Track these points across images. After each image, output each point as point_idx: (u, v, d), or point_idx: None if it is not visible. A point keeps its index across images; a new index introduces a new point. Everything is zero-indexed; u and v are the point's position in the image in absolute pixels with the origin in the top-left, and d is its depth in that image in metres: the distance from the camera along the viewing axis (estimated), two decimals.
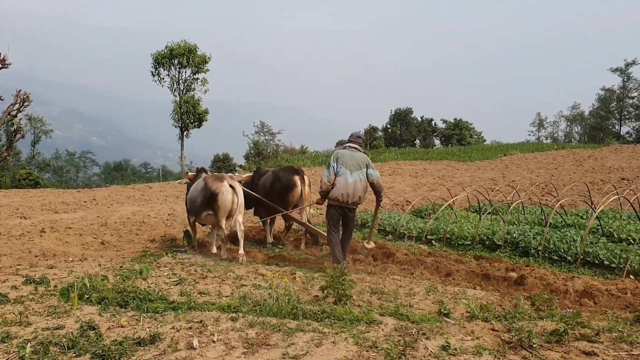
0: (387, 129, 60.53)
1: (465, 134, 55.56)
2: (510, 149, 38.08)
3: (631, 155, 31.19)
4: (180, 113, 34.53)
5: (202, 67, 35.71)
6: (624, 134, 55.64)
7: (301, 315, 4.06)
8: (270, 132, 57.11)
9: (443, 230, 8.35)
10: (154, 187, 20.26)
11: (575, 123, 62.31)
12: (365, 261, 6.83)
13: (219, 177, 7.91)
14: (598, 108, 58.63)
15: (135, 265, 7.07)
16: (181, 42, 34.71)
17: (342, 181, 6.73)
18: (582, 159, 32.36)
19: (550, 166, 28.92)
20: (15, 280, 6.29)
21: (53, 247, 8.74)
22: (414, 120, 60.44)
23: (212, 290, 5.54)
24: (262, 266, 6.76)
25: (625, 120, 56.62)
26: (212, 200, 7.62)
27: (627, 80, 55.77)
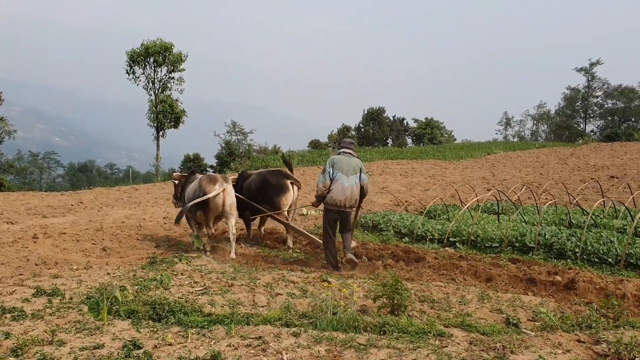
0: (360, 128, 61.08)
1: (437, 133, 57.04)
2: (493, 147, 38.41)
3: (611, 153, 31.73)
4: (156, 112, 33.75)
5: (177, 65, 34.95)
6: (589, 132, 57.70)
7: (362, 328, 3.77)
8: (242, 132, 56.65)
9: (466, 232, 8.16)
10: (140, 190, 19.69)
11: (542, 121, 63.62)
12: (397, 266, 6.58)
13: (212, 179, 8.05)
14: (564, 107, 60.62)
15: (149, 273, 6.72)
16: (157, 40, 33.96)
17: (340, 186, 6.99)
18: (564, 157, 32.80)
19: (536, 164, 29.21)
20: (24, 291, 5.89)
21: (51, 254, 8.30)
22: (387, 119, 61.33)
23: (245, 300, 5.23)
24: (287, 272, 6.45)
25: (589, 118, 58.89)
26: (204, 201, 7.76)
27: (592, 80, 57.78)
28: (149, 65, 34.69)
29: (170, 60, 34.70)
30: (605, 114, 57.94)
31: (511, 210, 10.73)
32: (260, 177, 9.08)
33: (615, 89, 56.63)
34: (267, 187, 8.72)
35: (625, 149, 34.33)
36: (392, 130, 61.01)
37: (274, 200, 8.64)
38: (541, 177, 23.24)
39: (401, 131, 62.00)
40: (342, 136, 56.16)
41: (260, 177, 9.07)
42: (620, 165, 27.41)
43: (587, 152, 34.76)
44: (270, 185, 8.70)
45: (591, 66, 57.15)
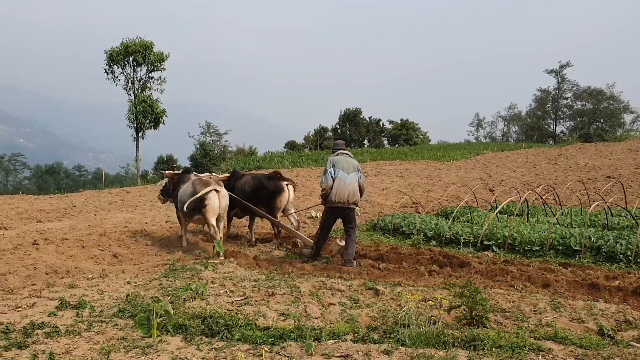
0: (336, 129, 61.35)
1: (412, 134, 58.02)
2: (481, 149, 38.59)
3: (598, 154, 32.08)
4: (135, 113, 33.03)
5: (158, 65, 34.23)
6: (559, 133, 59.41)
7: (451, 343, 3.45)
8: (216, 133, 56.21)
9: (501, 235, 7.92)
10: (132, 192, 19.10)
11: (513, 123, 64.75)
12: (443, 272, 6.29)
13: (206, 182, 8.43)
14: (534, 108, 62.16)
15: (176, 281, 6.36)
16: (137, 38, 33.25)
17: (342, 183, 7.36)
18: (553, 158, 33.08)
19: (528, 165, 29.36)
20: (45, 304, 5.47)
21: (59, 262, 7.84)
22: (363, 120, 61.74)
23: (296, 310, 4.90)
24: (325, 279, 6.13)
25: (560, 120, 60.48)
26: (200, 204, 8.12)
27: (562, 82, 59.42)
28: (128, 64, 33.88)
29: (151, 60, 33.93)
30: (575, 115, 59.68)
31: (531, 212, 10.51)
32: (255, 180, 9.34)
33: (585, 90, 58.41)
34: (263, 190, 9.02)
35: (610, 150, 34.76)
36: (369, 131, 61.36)
37: (270, 203, 8.96)
38: (537, 177, 23.29)
39: (377, 132, 62.41)
40: (318, 137, 56.25)
41: (256, 180, 9.33)
42: (610, 165, 27.68)
43: (573, 153, 35.13)
44: (266, 188, 8.99)
45: (561, 68, 58.96)
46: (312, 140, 57.99)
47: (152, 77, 33.55)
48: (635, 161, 28.12)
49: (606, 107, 56.75)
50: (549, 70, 59.32)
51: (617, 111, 56.19)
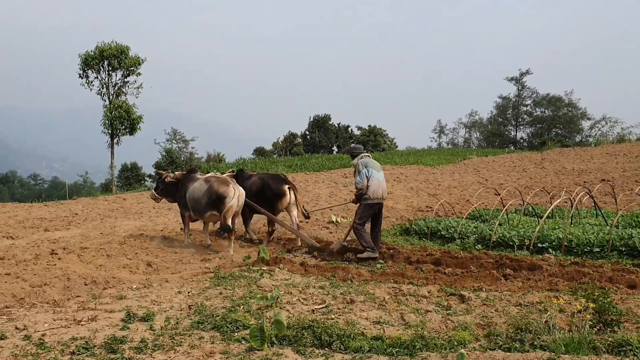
0: (305, 136, 61.34)
1: (380, 140, 58.56)
2: (466, 154, 38.90)
3: (579, 158, 32.58)
4: (110, 119, 32.18)
5: (134, 69, 33.47)
6: (519, 139, 61.17)
7: (603, 350, 3.25)
8: (183, 140, 55.61)
9: (555, 236, 7.79)
10: (129, 199, 18.53)
11: (474, 129, 66.13)
12: (520, 275, 6.13)
13: (224, 180, 8.87)
14: (496, 115, 63.61)
15: (236, 290, 6.07)
16: (112, 42, 32.50)
17: (376, 181, 8.10)
18: (538, 162, 33.50)
19: (517, 169, 29.66)
20: (108, 317, 5.14)
21: (90, 272, 7.44)
22: (332, 126, 62.18)
23: (390, 318, 4.62)
24: (397, 285, 5.89)
25: (520, 126, 61.93)
26: (219, 202, 8.52)
27: (522, 89, 60.89)
28: (103, 69, 33.02)
29: (126, 64, 33.14)
30: (535, 121, 61.13)
31: (558, 213, 10.49)
32: (261, 180, 9.77)
33: (544, 97, 59.83)
34: (267, 191, 9.46)
35: (590, 154, 35.24)
36: (338, 137, 61.76)
37: (272, 204, 9.40)
38: (532, 181, 23.48)
39: (346, 138, 62.88)
40: (288, 143, 56.36)
41: (262, 181, 9.77)
42: (598, 169, 28.10)
43: (556, 157, 35.60)
44: (270, 189, 9.43)
45: (521, 76, 60.40)
46: (281, 147, 57.81)
47: (127, 81, 32.66)
48: (619, 165, 28.58)
49: (565, 114, 58.48)
50: (509, 77, 60.90)
51: (575, 118, 57.89)
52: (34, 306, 5.79)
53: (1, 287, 6.41)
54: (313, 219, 12.55)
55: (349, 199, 17.31)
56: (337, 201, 16.98)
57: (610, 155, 33.63)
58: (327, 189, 20.62)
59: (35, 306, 5.79)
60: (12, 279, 6.94)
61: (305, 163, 33.30)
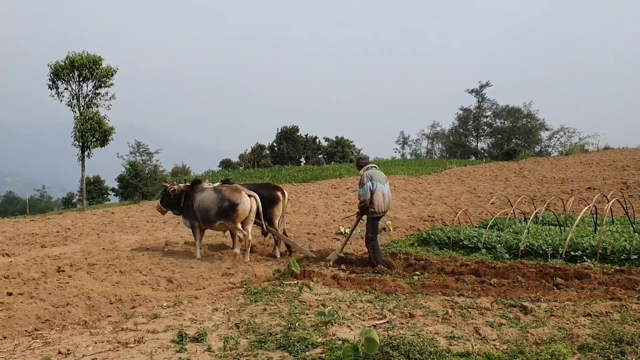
0: (273, 147, 61.10)
1: (348, 152, 58.66)
2: (447, 164, 39.30)
3: (556, 167, 33.20)
4: (81, 131, 31.34)
5: (106, 80, 32.73)
6: (480, 149, 62.76)
7: None
8: (147, 153, 54.74)
9: (588, 244, 7.74)
10: (118, 213, 17.93)
11: (436, 140, 67.57)
12: (572, 284, 6.00)
13: (235, 188, 8.88)
14: (457, 126, 65.29)
15: (280, 305, 5.86)
16: (83, 52, 31.75)
17: (381, 194, 8.12)
18: (517, 171, 34.01)
19: (500, 178, 30.04)
20: (156, 338, 4.86)
21: (108, 289, 7.11)
22: (300, 138, 62.10)
23: (464, 333, 4.46)
24: (449, 297, 5.71)
25: (480, 137, 63.68)
26: (230, 211, 8.55)
27: (482, 101, 62.62)
28: (74, 79, 32.15)
29: (98, 75, 32.36)
30: (495, 132, 62.99)
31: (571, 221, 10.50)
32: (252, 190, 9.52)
33: (503, 109, 61.84)
34: (261, 199, 9.20)
35: (564, 163, 35.91)
36: (306, 148, 61.88)
37: (267, 212, 9.33)
38: (519, 189, 23.75)
39: (314, 150, 63.00)
40: (256, 155, 56.28)
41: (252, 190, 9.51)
42: (578, 177, 28.58)
43: (533, 167, 36.20)
44: (263, 198, 9.25)
45: (481, 88, 62.19)
46: (248, 159, 57.43)
47: (98, 92, 31.81)
48: (597, 173, 29.14)
49: (524, 125, 60.41)
50: (470, 90, 62.57)
51: (533, 128, 59.70)
52: (65, 328, 5.44)
53: (21, 308, 6.04)
54: (320, 231, 12.33)
55: (348, 209, 17.25)
56: (336, 212, 16.83)
57: (584, 164, 34.34)
58: (320, 200, 20.44)
59: (67, 328, 5.44)
60: (27, 299, 6.56)
61: (276, 174, 33.00)
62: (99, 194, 48.44)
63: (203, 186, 9.53)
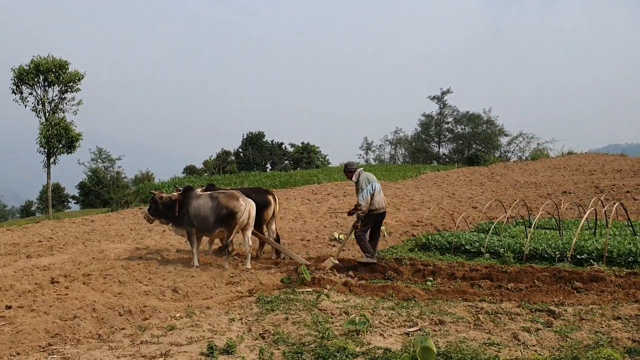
0: (239, 153, 60.86)
1: (314, 157, 59.30)
2: (422, 169, 39.67)
3: (526, 172, 33.77)
4: (47, 137, 30.47)
5: (72, 85, 31.91)
6: (442, 155, 64.58)
7: None
8: (109, 159, 53.63)
9: (593, 247, 7.84)
10: (97, 221, 17.43)
11: (399, 146, 68.68)
12: (592, 287, 6.05)
13: (231, 194, 8.75)
14: (420, 132, 66.65)
15: (301, 314, 5.75)
16: (49, 56, 30.92)
17: (380, 193, 8.57)
18: (490, 176, 34.49)
19: (474, 182, 30.43)
20: (183, 351, 4.77)
21: (112, 300, 6.89)
22: (266, 143, 62.40)
23: (502, 339, 4.43)
24: (472, 302, 5.69)
25: (442, 142, 65.17)
26: (229, 218, 8.40)
27: (443, 107, 64.19)
28: (39, 84, 31.23)
29: (64, 80, 31.52)
30: (456, 138, 64.36)
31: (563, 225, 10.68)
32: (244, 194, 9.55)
33: (464, 115, 63.22)
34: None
35: (533, 167, 36.59)
36: (272, 154, 61.80)
37: (257, 216, 9.19)
38: (496, 194, 24.06)
39: (280, 155, 62.94)
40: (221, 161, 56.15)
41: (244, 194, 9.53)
42: (550, 182, 29.10)
43: (503, 172, 36.74)
44: (253, 201, 9.15)
45: (443, 95, 63.66)
46: (213, 165, 56.86)
47: (64, 97, 30.96)
48: (568, 177, 29.75)
49: (484, 131, 61.88)
50: (432, 96, 64.01)
51: (493, 134, 61.21)
52: (79, 342, 5.23)
53: (26, 322, 5.77)
54: (313, 237, 12.21)
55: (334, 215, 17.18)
56: (323, 217, 16.70)
57: (552, 168, 35.09)
58: (304, 206, 20.32)
59: (81, 342, 5.23)
60: (28, 312, 6.29)
61: (244, 181, 32.71)
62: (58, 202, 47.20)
63: (197, 193, 9.35)
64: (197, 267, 8.84)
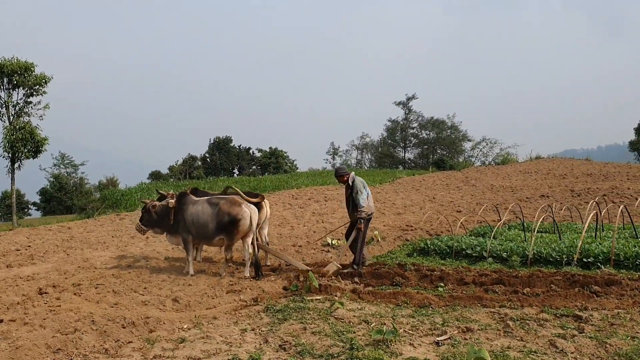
0: (205, 159, 60.46)
1: (282, 162, 59.72)
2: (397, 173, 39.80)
3: (499, 176, 34.14)
4: (11, 141, 29.45)
5: (38, 89, 30.97)
6: (407, 160, 65.45)
7: None
8: (72, 165, 52.36)
9: (600, 251, 7.82)
10: (74, 228, 16.79)
11: (365, 151, 69.42)
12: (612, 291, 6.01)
13: (232, 200, 8.38)
14: (386, 137, 67.59)
15: (319, 322, 5.53)
16: (13, 58, 29.95)
17: (371, 198, 8.75)
18: (464, 180, 34.71)
19: (452, 187, 30.57)
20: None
21: (110, 312, 6.66)
22: (234, 148, 61.79)
23: (538, 347, 4.34)
24: (497, 309, 5.58)
25: (408, 147, 66.15)
26: (231, 225, 8.10)
27: (409, 113, 65.09)
28: (2, 87, 30.20)
29: (30, 83, 30.56)
30: (421, 143, 65.41)
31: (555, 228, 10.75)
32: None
33: (429, 120, 64.31)
34: None
35: (505, 172, 37.00)
36: (239, 159, 61.39)
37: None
38: (475, 198, 24.23)
39: (248, 160, 62.59)
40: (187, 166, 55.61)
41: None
42: (523, 185, 29.44)
43: (477, 176, 37.04)
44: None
45: (408, 100, 64.47)
46: (179, 170, 56.11)
47: (30, 101, 29.97)
48: (539, 181, 30.14)
49: (448, 136, 63.09)
50: (397, 102, 64.79)
51: (457, 139, 62.45)
52: (86, 357, 4.91)
53: (23, 337, 5.49)
54: (304, 242, 11.97)
55: (318, 219, 16.98)
56: (310, 222, 16.47)
57: (523, 173, 35.56)
58: (287, 211, 20.02)
59: (88, 357, 4.93)
60: (22, 326, 6.00)
61: (213, 186, 32.14)
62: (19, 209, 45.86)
63: (194, 198, 8.96)
64: (192, 276, 8.52)
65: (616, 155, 79.55)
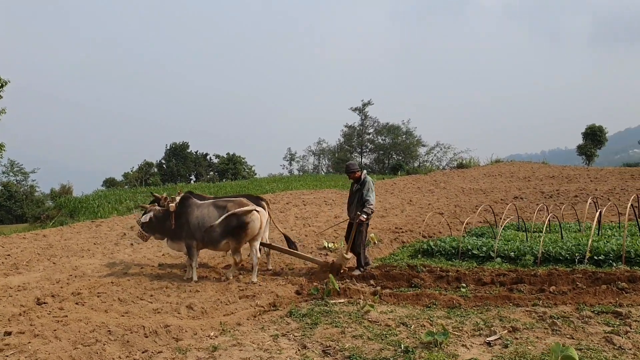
0: (162, 165, 60.19)
1: (240, 168, 59.91)
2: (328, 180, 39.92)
3: (466, 179, 34.65)
4: None
5: None
6: (364, 165, 65.96)
7: None
8: (22, 172, 50.39)
9: (610, 249, 7.90)
10: (51, 235, 16.07)
11: (323, 156, 70.23)
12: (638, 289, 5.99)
13: (239, 202, 8.22)
14: (343, 142, 68.17)
15: (354, 326, 5.50)
16: None
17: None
18: (434, 183, 35.03)
19: (424, 190, 30.81)
20: None
21: (123, 321, 6.38)
22: (190, 154, 61.83)
23: (596, 345, 4.33)
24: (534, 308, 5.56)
25: (364, 153, 66.83)
26: (240, 229, 7.91)
27: (365, 119, 65.74)
28: None
29: None
30: (377, 148, 66.24)
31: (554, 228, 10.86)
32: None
33: (384, 126, 65.07)
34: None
35: (471, 175, 37.60)
36: (196, 165, 60.74)
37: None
38: (450, 200, 24.47)
39: (205, 167, 61.97)
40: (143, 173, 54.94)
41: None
42: (493, 188, 29.85)
43: (445, 179, 37.44)
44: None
45: (364, 106, 65.06)
46: (135, 177, 54.88)
47: None
48: (506, 184, 30.65)
49: (403, 141, 63.94)
50: (353, 108, 65.24)
51: (412, 145, 63.31)
52: None
53: (40, 349, 5.17)
54: (299, 247, 11.70)
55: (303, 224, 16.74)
56: (297, 226, 16.21)
57: (488, 176, 36.15)
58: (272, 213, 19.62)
59: None
60: (33, 338, 5.69)
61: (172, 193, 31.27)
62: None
63: (197, 202, 8.68)
64: (196, 282, 8.20)
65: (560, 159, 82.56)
